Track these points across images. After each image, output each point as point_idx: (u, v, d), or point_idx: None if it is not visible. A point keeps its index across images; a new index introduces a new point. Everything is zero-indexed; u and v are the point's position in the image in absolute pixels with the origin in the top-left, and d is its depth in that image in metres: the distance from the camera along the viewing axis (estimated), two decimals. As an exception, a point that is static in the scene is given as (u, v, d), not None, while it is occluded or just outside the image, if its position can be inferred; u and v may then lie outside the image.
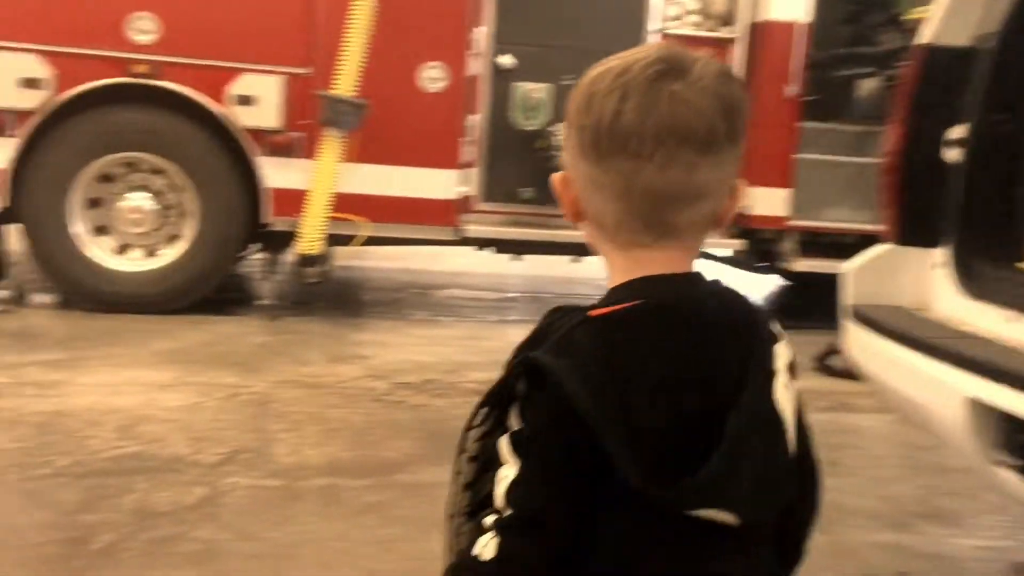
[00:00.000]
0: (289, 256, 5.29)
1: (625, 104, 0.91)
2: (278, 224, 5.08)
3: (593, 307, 0.95)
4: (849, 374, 4.56)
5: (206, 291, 5.06)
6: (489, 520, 0.92)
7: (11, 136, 4.76)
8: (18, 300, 5.20)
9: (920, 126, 2.28)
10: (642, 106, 0.91)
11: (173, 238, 5.06)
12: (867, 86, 6.11)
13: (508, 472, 0.92)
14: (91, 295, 4.96)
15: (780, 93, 5.36)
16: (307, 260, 4.92)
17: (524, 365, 0.92)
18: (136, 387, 3.70)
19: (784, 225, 5.49)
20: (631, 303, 0.94)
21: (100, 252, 4.98)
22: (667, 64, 0.92)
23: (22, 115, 4.77)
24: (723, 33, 5.41)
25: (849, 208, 5.65)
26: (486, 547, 0.91)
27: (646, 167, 0.91)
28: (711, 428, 0.91)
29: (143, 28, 4.84)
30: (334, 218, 4.84)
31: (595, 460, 0.89)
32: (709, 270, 0.99)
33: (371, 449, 3.23)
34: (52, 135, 4.81)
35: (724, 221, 0.99)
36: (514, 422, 0.93)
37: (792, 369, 1.00)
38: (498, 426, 0.95)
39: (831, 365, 4.72)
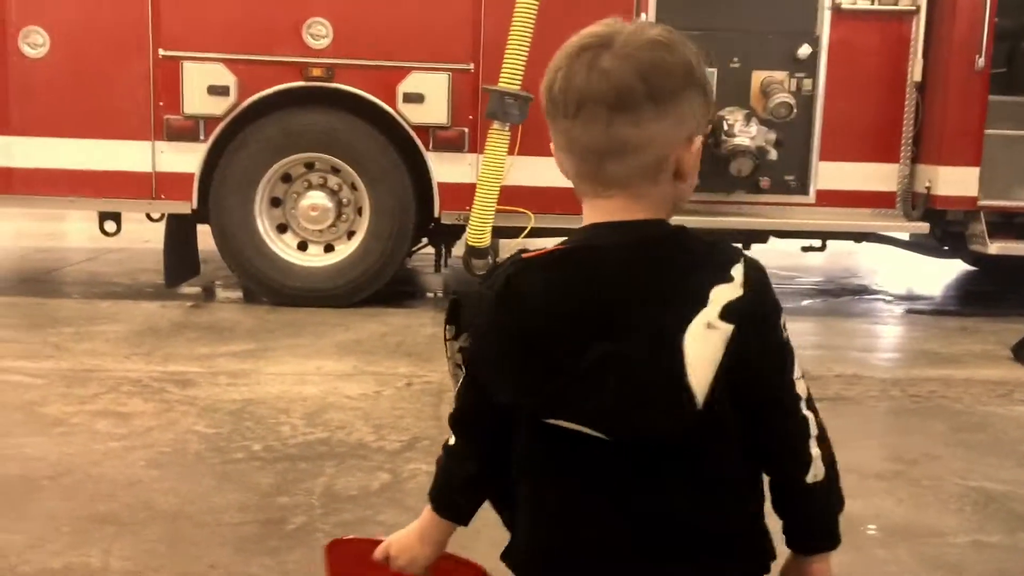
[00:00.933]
0: (458, 249, 5.39)
1: (558, 74, 1.08)
2: (447, 218, 5.18)
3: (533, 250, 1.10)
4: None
5: (380, 284, 5.22)
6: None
7: (200, 141, 5.06)
8: (208, 296, 5.53)
9: None
10: (567, 75, 1.07)
11: (350, 234, 5.25)
12: (1063, 55, 5.67)
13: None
14: (275, 290, 5.21)
15: (967, 66, 5.03)
16: (476, 252, 4.99)
17: (456, 294, 1.19)
18: (319, 376, 3.86)
19: (974, 205, 5.16)
20: (557, 247, 1.09)
21: (283, 248, 5.22)
22: (597, 38, 1.07)
23: (210, 121, 5.05)
24: (902, 6, 5.13)
25: (1045, 186, 5.26)
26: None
27: (575, 126, 1.07)
28: (585, 352, 1.04)
29: (318, 33, 5.03)
30: (501, 210, 4.89)
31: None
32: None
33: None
34: (237, 139, 5.08)
35: (683, 172, 1.10)
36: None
37: (730, 313, 1.04)
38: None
39: (1030, 354, 4.41)
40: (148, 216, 5.55)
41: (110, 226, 5.43)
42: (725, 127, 5.02)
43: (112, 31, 5.03)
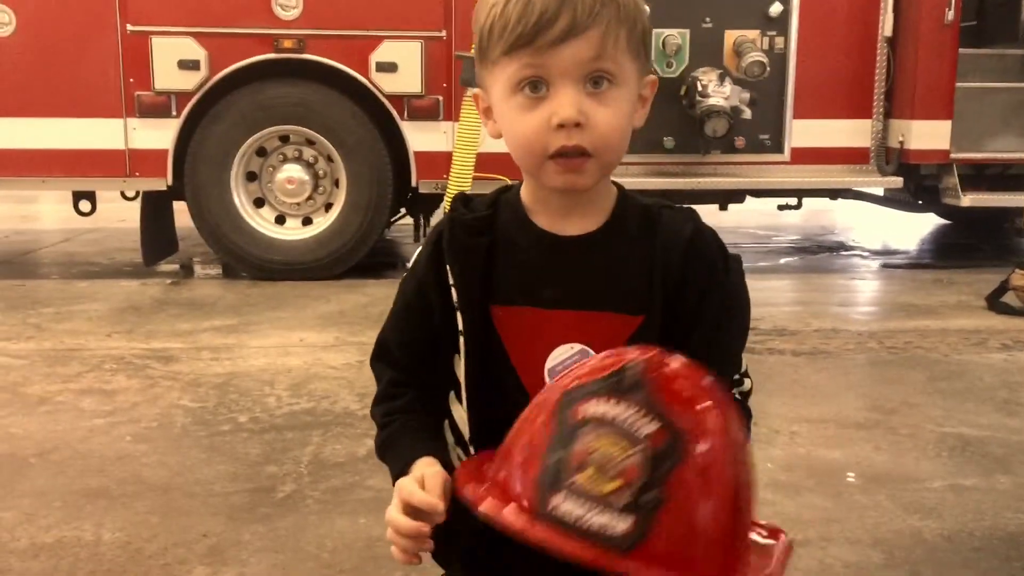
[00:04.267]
0: (437, 219, 5.38)
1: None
2: (424, 187, 5.18)
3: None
4: (1023, 311, 4.34)
5: (360, 256, 5.23)
6: None
7: (173, 117, 5.02)
8: (186, 272, 5.51)
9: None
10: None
11: (327, 207, 5.24)
12: (1031, 6, 5.71)
13: None
14: (254, 264, 5.20)
15: (936, 20, 5.06)
16: (454, 221, 4.99)
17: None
18: (303, 348, 3.87)
19: (947, 159, 5.21)
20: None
21: (261, 223, 5.21)
22: None
23: (181, 96, 5.01)
24: (872, -40, 5.15)
25: (1016, 137, 5.32)
26: None
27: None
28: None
29: (287, 4, 4.99)
30: (479, 178, 4.89)
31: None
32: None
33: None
34: (210, 113, 5.04)
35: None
36: None
37: None
38: None
39: (1004, 302, 4.48)
40: (123, 195, 5.51)
41: (85, 206, 5.39)
42: (699, 88, 5.03)
43: (79, 7, 4.97)
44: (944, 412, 3.15)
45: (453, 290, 1.03)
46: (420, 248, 1.09)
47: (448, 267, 1.03)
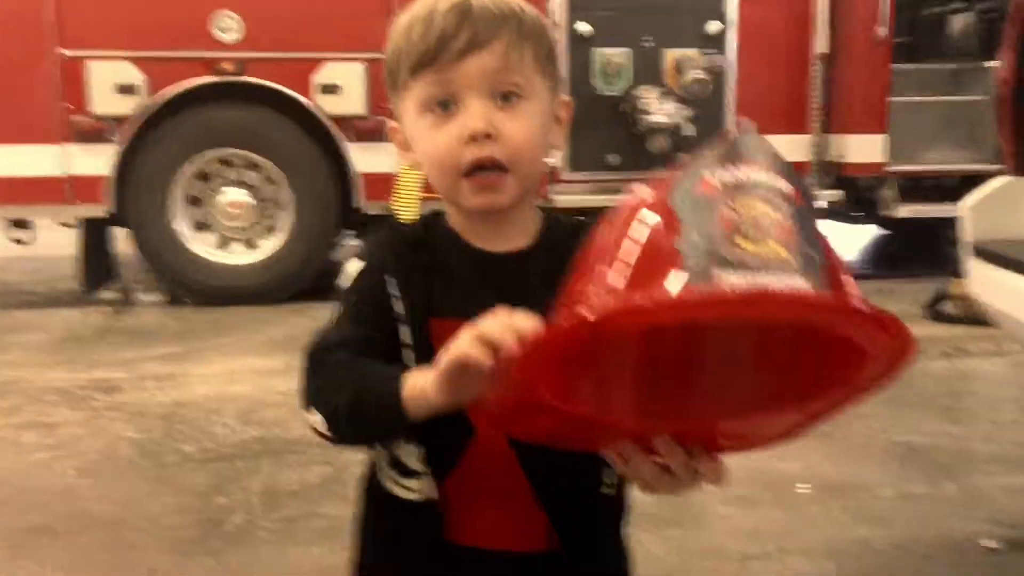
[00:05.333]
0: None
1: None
2: (371, 208, 5.15)
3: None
4: (962, 319, 4.44)
5: (306, 279, 5.17)
6: None
7: (112, 142, 4.93)
8: (129, 300, 5.40)
9: (1035, 50, 2.18)
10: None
11: (271, 230, 5.18)
12: (959, 22, 5.87)
13: None
14: (198, 290, 5.12)
15: (870, 36, 5.19)
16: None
17: None
18: (250, 374, 3.81)
19: (882, 171, 5.33)
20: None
21: (203, 248, 5.13)
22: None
23: (120, 121, 4.92)
24: (805, -23, 5.26)
25: (948, 149, 5.46)
26: None
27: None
28: None
29: (226, 26, 4.94)
30: (427, 198, 4.88)
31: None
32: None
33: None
34: (149, 138, 4.96)
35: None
36: None
37: None
38: None
39: (943, 311, 4.58)
40: (62, 222, 5.39)
41: (22, 234, 5.26)
42: (641, 106, 5.09)
43: (13, 31, 4.86)
44: (891, 421, 3.21)
45: (397, 302, 0.99)
46: (351, 263, 1.04)
47: (388, 280, 1.00)
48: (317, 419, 0.96)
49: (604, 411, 0.81)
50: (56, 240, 6.06)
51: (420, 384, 0.87)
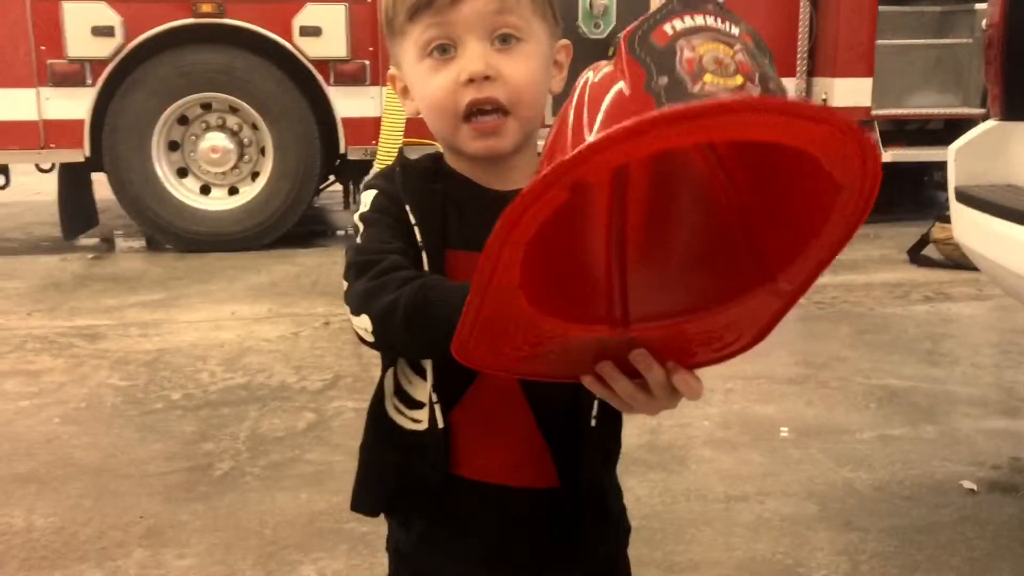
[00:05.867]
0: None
1: None
2: (353, 153, 5.10)
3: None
4: (944, 264, 4.47)
5: (289, 225, 5.14)
6: None
7: (88, 86, 4.85)
8: (108, 246, 5.36)
9: (1025, -8, 2.16)
10: None
11: (254, 175, 5.13)
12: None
13: None
14: (179, 236, 5.08)
15: (857, -23, 5.13)
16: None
17: None
18: (235, 321, 3.80)
19: (868, 115, 5.31)
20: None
21: (185, 193, 5.08)
22: None
23: (96, 64, 4.83)
24: (793, -81, 5.19)
25: (934, 93, 5.44)
26: None
27: None
28: None
29: (204, -34, 4.84)
30: (409, 143, 4.83)
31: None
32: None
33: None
34: (127, 82, 4.88)
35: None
36: None
37: None
38: None
39: (925, 255, 4.61)
40: (38, 167, 5.32)
41: (-2, 179, 5.20)
42: (627, 48, 5.03)
43: (-17, -28, 4.75)
44: (871, 364, 3.24)
45: (416, 229, 0.98)
46: (365, 194, 1.01)
47: (408, 208, 0.99)
48: (364, 322, 0.91)
49: (577, 318, 0.80)
50: (33, 185, 6.00)
51: None
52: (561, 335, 0.80)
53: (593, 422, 1.00)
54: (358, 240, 0.97)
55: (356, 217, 0.99)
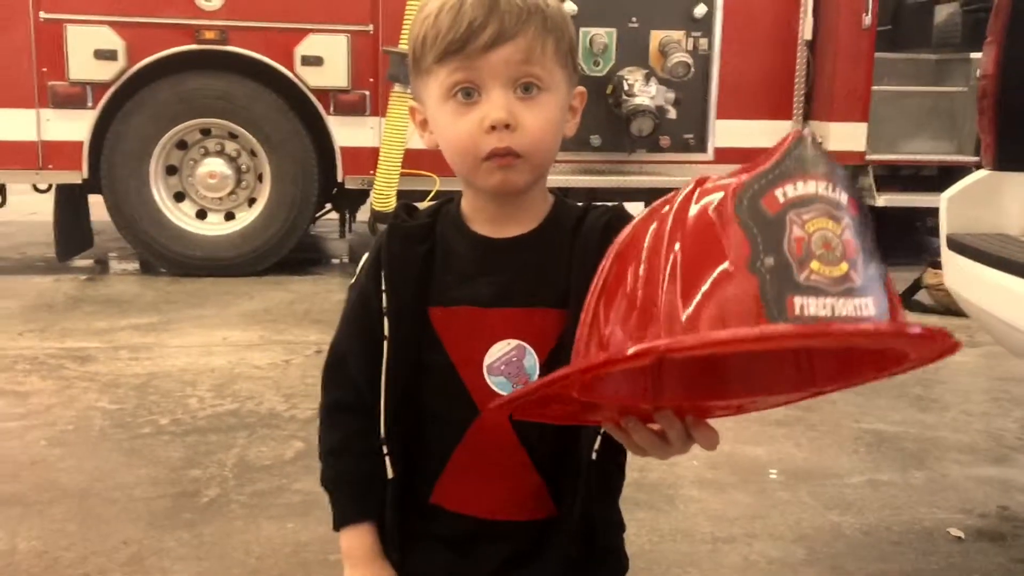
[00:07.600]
0: (363, 214, 5.34)
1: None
2: (351, 183, 5.12)
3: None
4: (936, 309, 4.48)
5: (284, 252, 5.14)
6: None
7: (88, 108, 4.87)
8: (102, 268, 5.35)
9: (1018, 44, 2.19)
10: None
11: (251, 201, 5.14)
12: (944, 12, 5.90)
13: None
14: (174, 260, 5.08)
15: (855, 24, 5.19)
16: (381, 217, 4.95)
17: None
18: (226, 347, 3.79)
19: (862, 160, 5.35)
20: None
21: (181, 217, 5.09)
22: None
23: (98, 87, 4.86)
24: (791, -35, 5.25)
25: (929, 139, 5.49)
26: None
27: None
28: None
29: (209, -6, 4.88)
30: (406, 174, 4.86)
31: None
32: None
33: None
34: (128, 105, 4.90)
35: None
36: None
37: None
38: None
39: (918, 301, 4.63)
40: (35, 187, 5.33)
41: (-6, 198, 5.20)
42: (625, 87, 5.08)
43: (-11, -6, 4.79)
44: (860, 409, 3.24)
45: (383, 295, 1.06)
46: (365, 256, 1.12)
47: (383, 275, 1.06)
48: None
49: (624, 398, 0.84)
50: (29, 205, 6.00)
51: (356, 548, 1.07)
52: (599, 407, 0.85)
53: (594, 455, 1.04)
54: (341, 320, 1.12)
55: (350, 285, 1.11)
